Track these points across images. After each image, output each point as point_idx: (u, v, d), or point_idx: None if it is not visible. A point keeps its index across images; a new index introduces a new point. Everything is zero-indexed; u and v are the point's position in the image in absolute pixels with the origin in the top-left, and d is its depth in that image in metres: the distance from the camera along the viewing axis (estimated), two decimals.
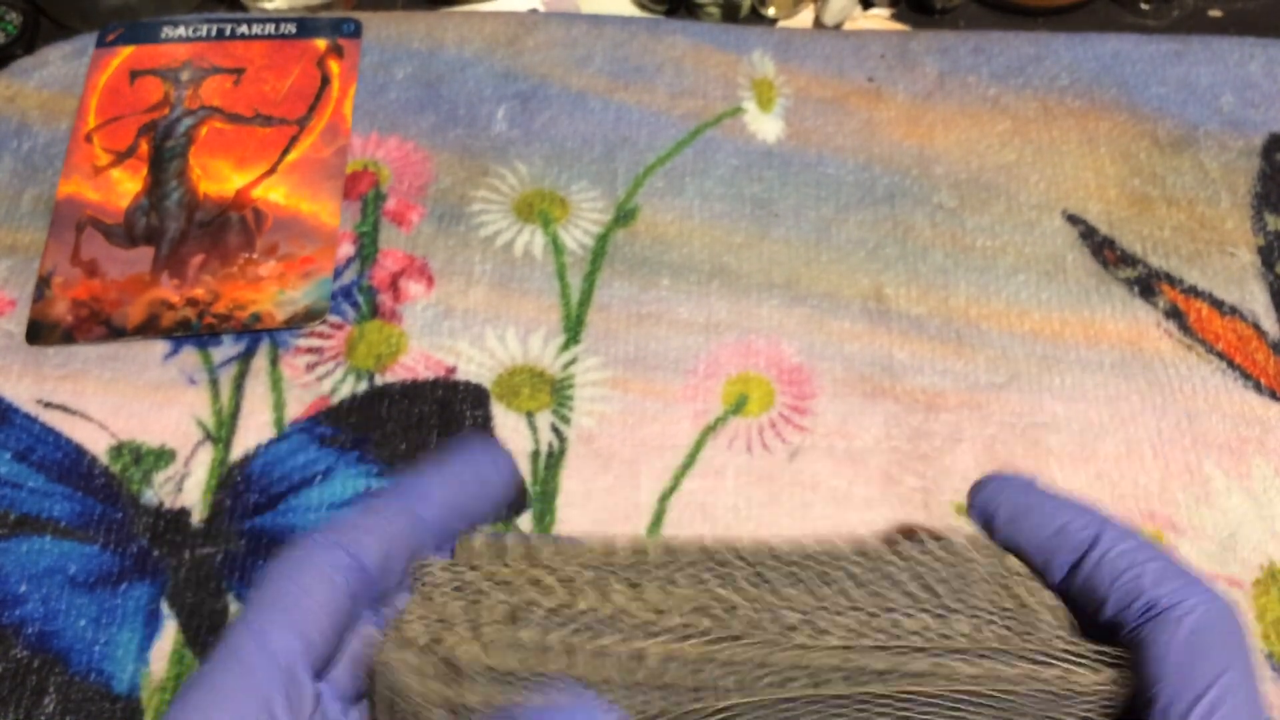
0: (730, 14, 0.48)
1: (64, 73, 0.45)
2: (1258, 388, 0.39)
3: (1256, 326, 0.40)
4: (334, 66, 0.45)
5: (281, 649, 0.22)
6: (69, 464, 0.37)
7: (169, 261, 0.40)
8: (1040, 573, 0.27)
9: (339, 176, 0.43)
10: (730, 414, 0.38)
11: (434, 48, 0.46)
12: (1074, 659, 0.24)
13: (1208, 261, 0.42)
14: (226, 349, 0.39)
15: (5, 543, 0.35)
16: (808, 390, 0.39)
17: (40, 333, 0.39)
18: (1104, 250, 0.42)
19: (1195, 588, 0.26)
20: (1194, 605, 0.25)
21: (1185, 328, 0.40)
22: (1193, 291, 0.41)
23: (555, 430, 0.38)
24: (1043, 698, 0.24)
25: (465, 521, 0.28)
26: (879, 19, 0.49)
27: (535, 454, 0.37)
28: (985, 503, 0.31)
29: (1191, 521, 0.36)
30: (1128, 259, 0.42)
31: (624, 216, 0.42)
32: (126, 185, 0.42)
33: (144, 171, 0.42)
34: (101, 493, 0.36)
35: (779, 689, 0.23)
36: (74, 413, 0.38)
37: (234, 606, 0.34)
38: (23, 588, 0.34)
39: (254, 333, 0.39)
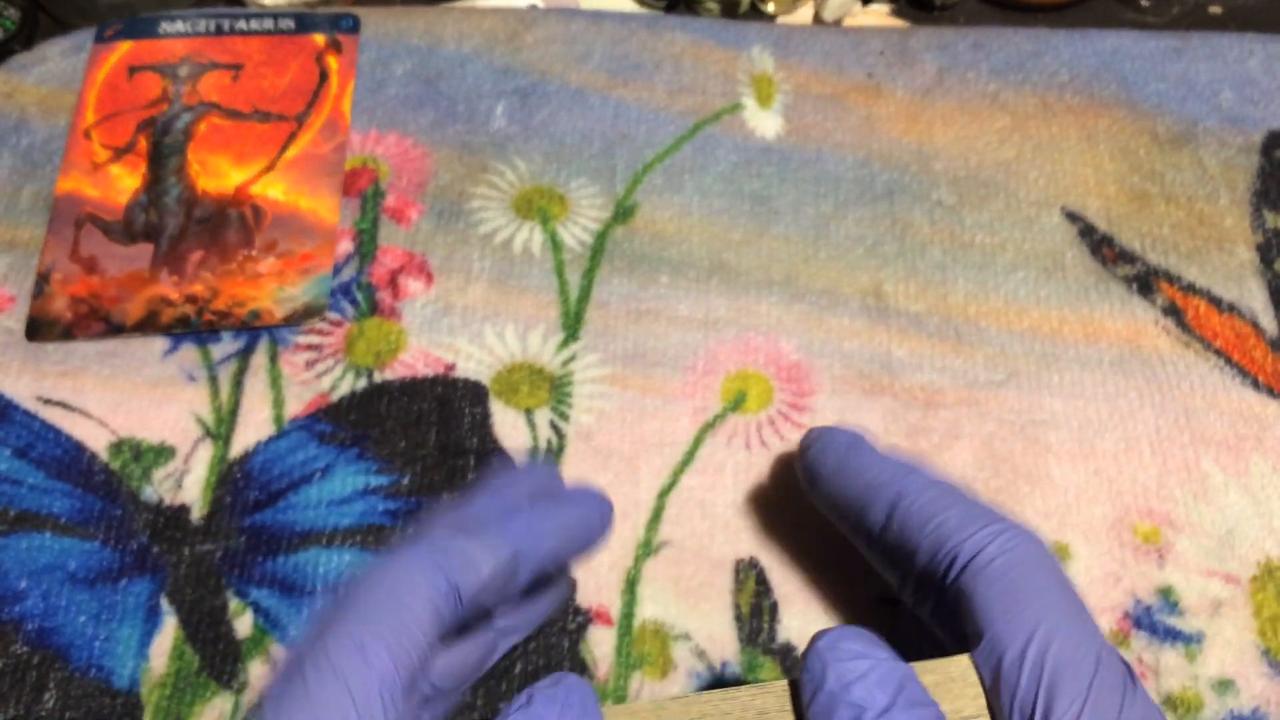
0: (730, 10, 0.48)
1: (63, 68, 0.45)
2: (1255, 385, 0.39)
3: (1254, 324, 0.40)
4: (332, 62, 0.45)
5: (382, 670, 0.21)
6: (68, 460, 0.37)
7: (168, 258, 0.40)
8: (864, 526, 0.28)
9: (338, 173, 0.43)
10: (729, 411, 0.38)
11: (433, 44, 0.46)
12: None
13: (1206, 258, 0.42)
14: (225, 346, 0.39)
15: (5, 539, 0.35)
16: (806, 387, 0.39)
17: (39, 329, 0.39)
18: (1103, 247, 0.42)
19: (999, 528, 0.26)
20: (1003, 547, 0.25)
21: (1183, 325, 0.40)
22: (1191, 289, 0.41)
23: (554, 427, 0.38)
24: None
25: (557, 566, 0.27)
26: (878, 15, 0.49)
27: (534, 451, 0.37)
28: (812, 459, 0.32)
29: (1189, 518, 0.36)
30: (1126, 256, 0.42)
31: (623, 213, 0.42)
32: (125, 181, 0.42)
33: (143, 167, 0.42)
34: (101, 489, 0.36)
35: None
36: (73, 409, 0.38)
37: (233, 603, 0.35)
38: (23, 584, 0.35)
39: (253, 330, 0.39)
